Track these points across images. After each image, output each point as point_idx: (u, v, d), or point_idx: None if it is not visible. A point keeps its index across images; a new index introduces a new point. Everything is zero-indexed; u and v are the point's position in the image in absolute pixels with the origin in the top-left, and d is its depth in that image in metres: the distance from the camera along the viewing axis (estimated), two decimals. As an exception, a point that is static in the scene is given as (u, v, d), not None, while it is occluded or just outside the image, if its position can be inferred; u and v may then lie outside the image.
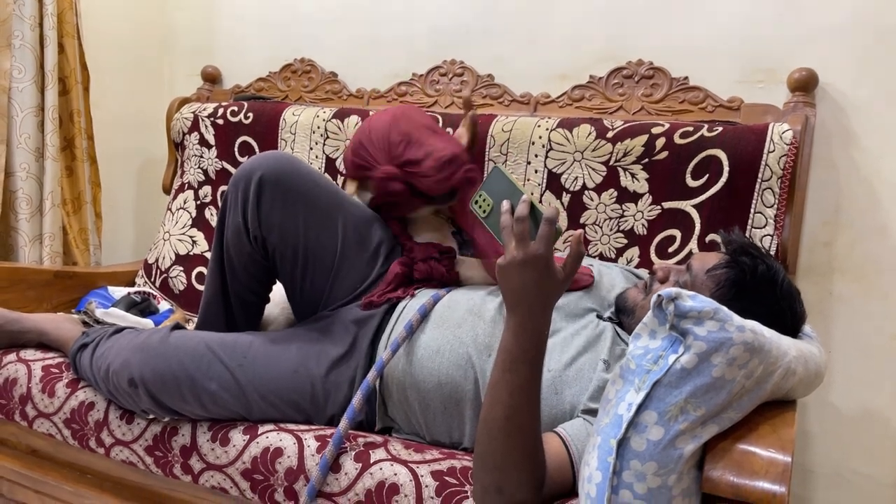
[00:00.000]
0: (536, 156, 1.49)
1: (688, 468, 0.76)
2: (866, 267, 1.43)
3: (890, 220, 1.40)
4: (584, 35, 1.64)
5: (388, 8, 1.85)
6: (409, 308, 1.18)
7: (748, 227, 1.31)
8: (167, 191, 1.94)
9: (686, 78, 1.52)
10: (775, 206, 1.30)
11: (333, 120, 1.69)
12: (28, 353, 1.32)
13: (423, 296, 1.20)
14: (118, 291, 1.64)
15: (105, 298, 1.60)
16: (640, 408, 0.75)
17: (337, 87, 1.90)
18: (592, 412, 0.98)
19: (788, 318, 1.02)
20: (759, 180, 1.31)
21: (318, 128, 1.70)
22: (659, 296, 0.77)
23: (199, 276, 1.74)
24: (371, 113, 1.68)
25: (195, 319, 1.41)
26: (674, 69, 1.53)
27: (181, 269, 1.77)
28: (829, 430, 1.49)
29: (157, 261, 1.81)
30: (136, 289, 1.72)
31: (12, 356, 1.31)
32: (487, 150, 1.54)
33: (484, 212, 0.91)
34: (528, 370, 0.86)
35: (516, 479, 0.87)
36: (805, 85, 1.40)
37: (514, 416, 0.86)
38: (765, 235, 1.30)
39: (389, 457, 1.01)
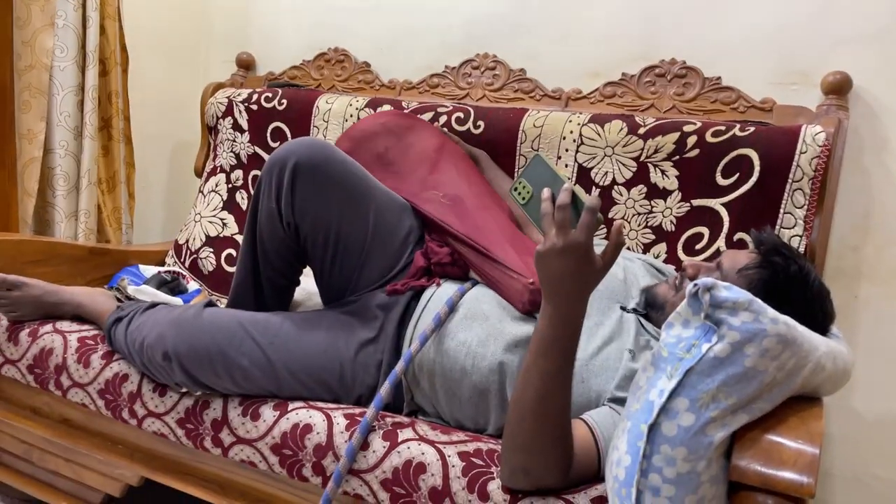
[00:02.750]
0: (567, 150, 1.50)
1: (717, 455, 0.77)
2: (894, 272, 1.43)
3: (920, 227, 1.40)
4: (618, 32, 1.65)
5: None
6: (435, 298, 1.20)
7: (777, 227, 1.31)
8: (199, 173, 1.97)
9: (719, 78, 1.52)
10: (805, 207, 1.31)
11: (366, 109, 1.71)
12: (64, 325, 1.35)
13: (450, 287, 1.21)
14: (149, 270, 1.67)
15: (136, 276, 1.63)
16: (672, 394, 0.76)
17: (370, 77, 1.91)
18: (619, 401, 0.99)
19: (819, 317, 1.02)
20: (789, 181, 1.31)
21: (351, 116, 1.72)
22: (695, 284, 0.78)
23: (229, 258, 1.76)
24: (403, 103, 1.70)
25: (223, 301, 1.43)
26: (706, 69, 1.54)
27: (211, 250, 1.79)
28: (849, 434, 1.49)
29: (187, 241, 1.84)
30: (166, 268, 1.74)
31: (49, 327, 1.33)
32: (518, 144, 1.55)
33: (523, 199, 0.93)
34: (560, 356, 0.87)
35: (543, 463, 0.88)
36: (839, 88, 1.40)
37: (545, 400, 0.87)
38: (793, 236, 1.31)
39: (417, 437, 1.03)
